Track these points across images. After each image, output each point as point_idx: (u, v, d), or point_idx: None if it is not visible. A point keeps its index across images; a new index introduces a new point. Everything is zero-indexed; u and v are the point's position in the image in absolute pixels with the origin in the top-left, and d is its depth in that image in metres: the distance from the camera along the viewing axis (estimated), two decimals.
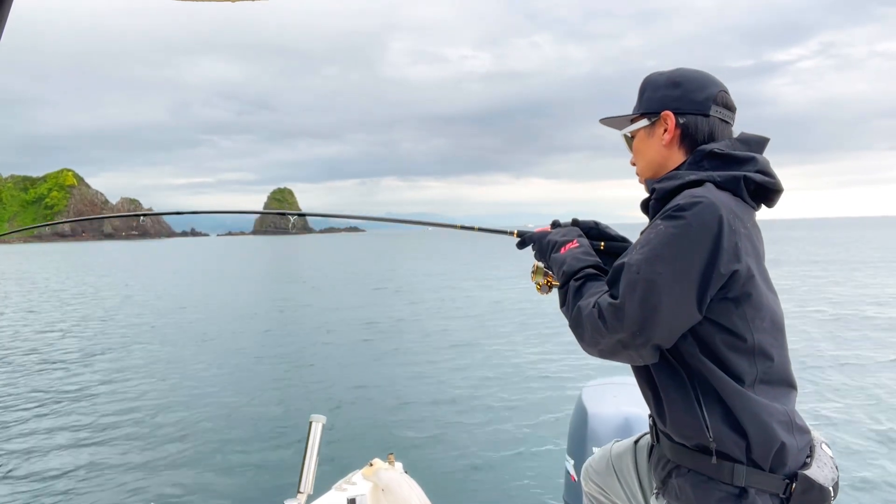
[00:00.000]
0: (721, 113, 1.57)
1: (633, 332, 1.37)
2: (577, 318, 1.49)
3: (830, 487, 1.43)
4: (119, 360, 12.07)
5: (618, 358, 1.47)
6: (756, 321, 1.43)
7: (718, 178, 1.46)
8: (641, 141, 1.66)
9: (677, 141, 1.58)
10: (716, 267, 1.35)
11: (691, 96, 1.57)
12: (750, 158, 1.51)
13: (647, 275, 1.37)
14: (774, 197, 1.54)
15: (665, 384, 1.48)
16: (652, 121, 1.62)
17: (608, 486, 1.91)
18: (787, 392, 1.49)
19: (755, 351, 1.43)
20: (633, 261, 1.41)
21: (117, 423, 7.77)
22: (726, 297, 1.39)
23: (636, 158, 1.69)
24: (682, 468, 1.49)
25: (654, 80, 1.65)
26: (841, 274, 26.21)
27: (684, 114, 1.57)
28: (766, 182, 1.49)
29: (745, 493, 1.39)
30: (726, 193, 1.44)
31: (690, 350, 1.43)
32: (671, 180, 1.52)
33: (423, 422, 7.49)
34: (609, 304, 1.41)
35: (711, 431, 1.41)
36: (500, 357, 11.56)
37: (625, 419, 2.64)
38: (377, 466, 2.62)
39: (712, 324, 1.40)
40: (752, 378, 1.42)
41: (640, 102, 1.67)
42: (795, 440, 1.43)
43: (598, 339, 1.44)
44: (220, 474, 5.93)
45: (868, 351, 10.83)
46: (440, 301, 21.38)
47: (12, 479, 5.89)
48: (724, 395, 1.41)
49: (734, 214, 1.40)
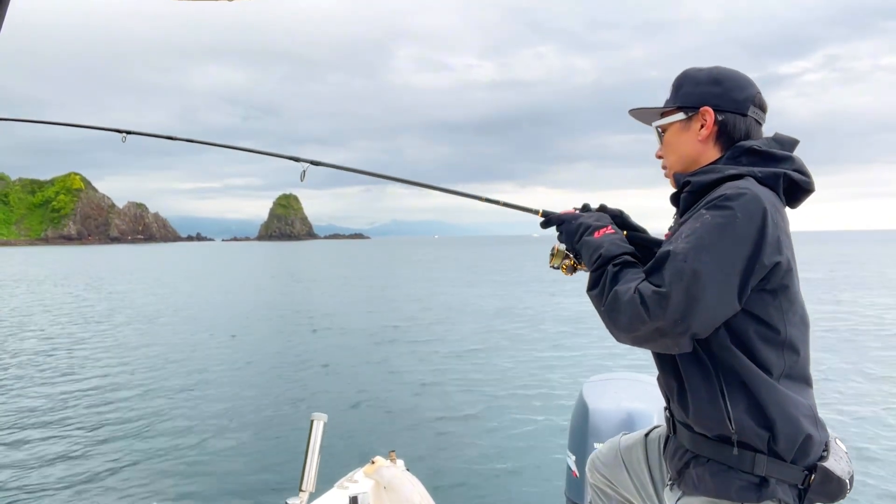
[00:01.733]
0: (757, 114, 1.60)
1: (675, 321, 1.36)
2: (614, 303, 1.45)
3: (847, 480, 1.46)
4: (120, 358, 12.06)
5: (653, 345, 1.44)
6: (789, 314, 1.46)
7: (759, 174, 1.48)
8: (675, 134, 1.66)
9: (713, 137, 1.59)
10: (759, 258, 1.37)
11: (732, 95, 1.59)
12: (788, 157, 1.53)
13: (694, 264, 1.36)
14: (803, 197, 1.55)
15: (689, 374, 1.49)
16: (689, 115, 1.62)
17: (616, 479, 1.92)
18: (806, 389, 1.51)
19: (786, 344, 1.45)
20: (680, 249, 1.40)
21: (119, 421, 7.77)
22: (764, 289, 1.42)
23: (666, 151, 1.69)
24: (702, 458, 1.50)
25: (694, 75, 1.65)
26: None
27: (724, 111, 1.58)
28: (802, 181, 1.51)
29: (766, 483, 1.42)
30: (766, 189, 1.46)
31: (721, 340, 1.43)
32: (709, 174, 1.53)
33: (425, 419, 7.50)
34: (654, 291, 1.38)
35: (734, 422, 1.42)
36: (501, 354, 11.59)
37: (626, 414, 2.64)
38: (379, 464, 2.63)
39: (748, 315, 1.42)
40: (780, 371, 1.45)
41: (675, 96, 1.67)
42: (819, 434, 1.46)
43: (638, 326, 1.40)
44: (222, 472, 5.93)
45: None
46: (441, 302, 21.42)
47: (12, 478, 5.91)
48: (751, 385, 1.42)
49: (775, 208, 1.43)
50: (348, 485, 2.56)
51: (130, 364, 11.61)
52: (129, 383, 9.99)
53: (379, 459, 2.66)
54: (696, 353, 1.47)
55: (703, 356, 1.47)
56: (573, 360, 10.66)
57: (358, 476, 2.62)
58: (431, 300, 21.87)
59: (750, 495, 1.43)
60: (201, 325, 16.80)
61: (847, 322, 14.54)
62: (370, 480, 2.58)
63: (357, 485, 2.55)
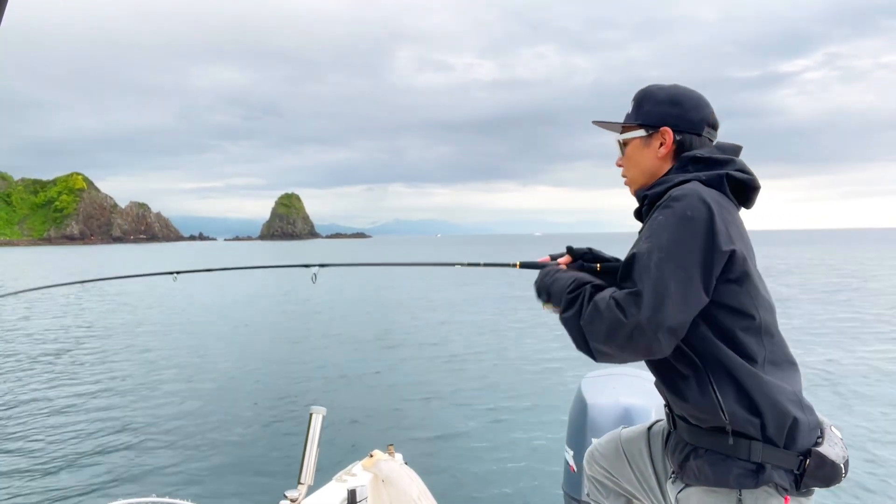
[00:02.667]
0: (710, 133, 1.74)
1: (649, 315, 1.43)
2: (594, 313, 1.52)
3: (842, 464, 1.51)
4: (119, 352, 12.13)
5: (632, 350, 1.48)
6: (758, 299, 1.54)
7: (704, 177, 1.61)
8: (636, 149, 1.78)
9: (671, 155, 1.73)
10: (715, 246, 1.46)
11: (689, 116, 1.72)
12: (729, 160, 1.66)
13: (657, 260, 1.47)
14: (752, 195, 1.67)
15: (679, 369, 1.56)
16: (649, 133, 1.75)
17: (616, 471, 1.96)
18: (791, 370, 1.58)
19: (762, 329, 1.53)
20: (643, 249, 1.51)
21: (118, 414, 7.80)
22: (729, 279, 1.50)
23: (627, 164, 1.82)
24: (700, 449, 1.56)
25: (654, 94, 1.77)
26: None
27: (681, 132, 1.71)
28: (745, 178, 1.63)
29: (762, 469, 1.47)
30: (711, 189, 1.58)
31: (704, 334, 1.51)
32: (662, 185, 1.66)
33: (423, 413, 7.53)
34: (626, 293, 1.48)
35: (726, 413, 1.49)
36: (500, 349, 11.62)
37: (624, 409, 2.64)
38: (377, 458, 2.64)
39: (721, 306, 1.50)
40: (762, 357, 1.52)
41: (636, 113, 1.79)
42: (806, 417, 1.51)
43: (616, 331, 1.46)
44: (221, 465, 5.95)
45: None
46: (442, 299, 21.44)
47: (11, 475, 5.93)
48: (737, 376, 1.49)
49: (719, 205, 1.53)
50: (347, 478, 2.57)
51: (129, 358, 11.66)
52: (128, 376, 10.03)
53: (377, 453, 2.67)
54: (684, 352, 1.54)
55: (690, 354, 1.54)
56: (572, 356, 10.68)
57: (356, 469, 2.63)
58: (432, 298, 21.91)
59: (748, 482, 1.48)
60: (202, 321, 16.86)
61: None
62: (368, 474, 2.59)
63: (355, 478, 2.56)
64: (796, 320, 14.39)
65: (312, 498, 2.37)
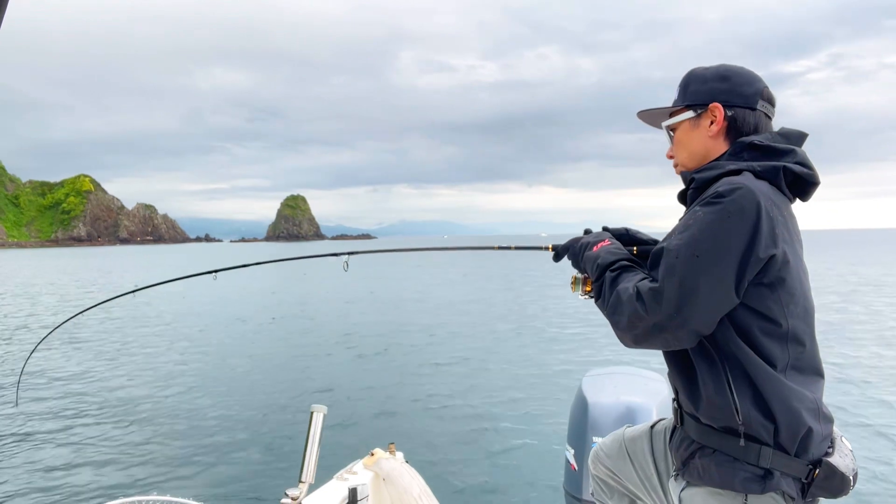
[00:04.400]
0: (765, 108, 1.62)
1: (671, 314, 1.39)
2: (616, 303, 1.50)
3: (851, 477, 1.47)
4: (121, 352, 12.13)
5: (653, 342, 1.47)
6: (790, 307, 1.46)
7: (758, 168, 1.49)
8: (685, 133, 1.67)
9: (723, 133, 1.61)
10: (754, 251, 1.38)
11: (740, 90, 1.60)
12: (790, 150, 1.54)
13: (686, 258, 1.40)
14: (811, 189, 1.56)
15: (698, 366, 1.51)
16: (698, 112, 1.64)
17: (620, 470, 1.94)
18: (815, 380, 1.52)
19: (789, 337, 1.46)
20: (672, 245, 1.44)
21: (120, 412, 7.81)
22: (762, 283, 1.42)
23: (677, 150, 1.71)
24: (707, 449, 1.51)
25: (701, 73, 1.67)
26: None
27: (732, 106, 1.60)
28: (805, 174, 1.51)
29: (770, 475, 1.43)
30: (764, 183, 1.48)
31: (726, 333, 1.45)
32: (711, 170, 1.55)
33: (424, 412, 7.52)
34: (649, 287, 1.43)
35: (741, 414, 1.44)
36: (501, 347, 11.60)
37: (625, 408, 2.64)
38: (378, 456, 2.64)
39: (748, 309, 1.44)
40: (785, 363, 1.46)
41: (683, 95, 1.68)
42: (821, 427, 1.47)
43: (636, 323, 1.45)
44: (222, 464, 5.95)
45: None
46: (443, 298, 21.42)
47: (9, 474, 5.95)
48: (756, 378, 1.43)
49: (771, 202, 1.43)
50: (348, 476, 2.57)
51: (131, 356, 11.65)
52: (129, 374, 10.03)
53: (378, 451, 2.67)
54: (704, 347, 1.49)
55: (710, 349, 1.49)
56: (573, 354, 10.68)
57: (357, 468, 2.63)
58: (433, 296, 21.90)
59: (754, 487, 1.43)
60: (202, 319, 16.90)
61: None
62: (369, 472, 2.60)
63: (356, 476, 2.57)
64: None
65: (313, 496, 2.38)
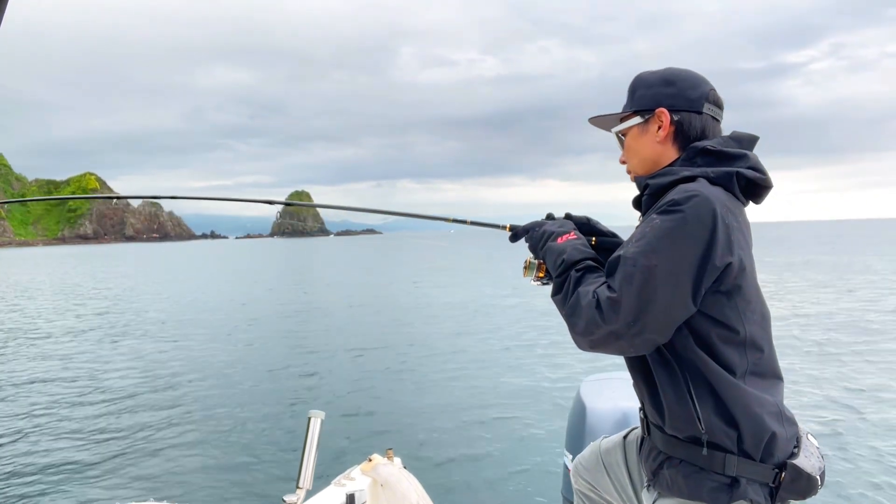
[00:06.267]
0: (712, 110, 1.61)
1: (628, 323, 1.39)
2: (575, 306, 1.48)
3: (818, 476, 1.47)
4: (120, 353, 12.16)
5: (609, 349, 1.46)
6: (747, 313, 1.47)
7: (712, 174, 1.49)
8: (634, 138, 1.68)
9: (671, 138, 1.62)
10: (710, 259, 1.38)
11: (685, 94, 1.61)
12: (742, 155, 1.54)
13: (643, 267, 1.39)
14: (763, 193, 1.56)
15: (658, 376, 1.51)
16: (645, 118, 1.64)
17: (598, 483, 1.92)
18: (775, 383, 1.53)
19: (747, 343, 1.46)
20: (630, 254, 1.43)
21: (115, 417, 7.83)
22: (719, 290, 1.43)
23: (628, 156, 1.72)
24: (674, 459, 1.52)
25: (647, 78, 1.68)
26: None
27: (678, 111, 1.60)
28: (758, 178, 1.52)
29: (737, 483, 1.43)
30: (719, 188, 1.47)
31: (684, 342, 1.45)
32: (665, 176, 1.55)
33: (422, 417, 7.50)
34: (607, 297, 1.42)
35: (703, 423, 1.44)
36: (499, 352, 11.57)
37: (623, 414, 2.64)
38: (376, 462, 2.64)
39: (706, 317, 1.44)
40: (744, 370, 1.46)
41: (631, 101, 1.70)
42: (785, 430, 1.47)
43: (593, 330, 1.44)
44: (219, 469, 5.96)
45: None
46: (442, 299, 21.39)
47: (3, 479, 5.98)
48: (716, 386, 1.44)
49: (727, 208, 1.43)
50: (345, 482, 2.57)
51: (127, 361, 11.66)
52: (124, 379, 10.03)
53: (376, 457, 2.67)
54: (664, 356, 1.49)
55: (669, 358, 1.49)
56: (571, 359, 10.63)
57: (355, 474, 2.63)
58: (433, 297, 21.87)
59: (721, 496, 1.43)
60: (201, 322, 16.90)
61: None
62: (367, 478, 2.59)
63: (354, 482, 2.56)
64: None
65: (311, 502, 2.38)
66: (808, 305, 16.48)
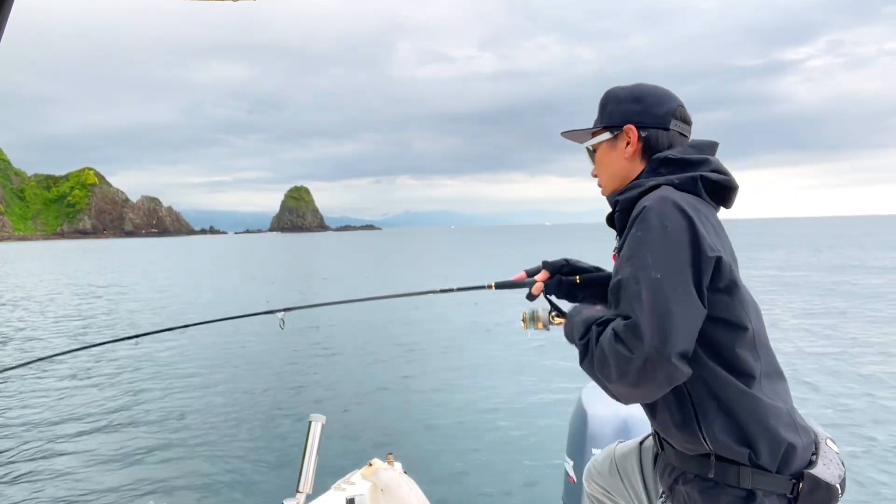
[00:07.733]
0: (679, 126, 1.65)
1: (656, 346, 1.31)
2: (601, 355, 1.40)
3: (837, 485, 1.42)
4: (119, 354, 12.09)
5: (653, 384, 1.35)
6: (748, 308, 1.46)
7: (676, 181, 1.52)
8: (604, 154, 1.71)
9: (639, 154, 1.64)
10: (702, 251, 1.38)
11: (653, 110, 1.64)
12: (704, 160, 1.57)
13: (646, 282, 1.36)
14: (731, 195, 1.58)
15: (663, 397, 1.46)
16: (614, 134, 1.67)
17: (612, 487, 1.92)
18: (782, 384, 1.51)
19: (756, 340, 1.45)
20: (627, 274, 1.40)
21: (115, 420, 7.81)
22: (719, 289, 1.42)
23: (599, 171, 1.74)
24: (688, 474, 1.49)
25: (616, 94, 1.70)
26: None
27: (646, 127, 1.63)
28: (722, 180, 1.54)
29: (753, 496, 1.39)
30: (685, 193, 1.49)
31: (694, 357, 1.39)
32: (633, 189, 1.57)
33: (423, 422, 7.47)
34: (623, 325, 1.36)
35: (709, 442, 1.42)
36: (499, 357, 11.51)
37: (624, 421, 2.63)
38: (376, 466, 2.64)
39: (714, 319, 1.41)
40: (759, 372, 1.43)
41: (601, 116, 1.72)
42: (801, 439, 1.43)
43: (625, 369, 1.34)
44: (219, 473, 5.93)
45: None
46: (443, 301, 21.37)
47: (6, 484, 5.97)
48: (727, 400, 1.40)
49: (695, 209, 1.44)
50: (345, 486, 2.57)
51: (125, 362, 11.60)
52: (123, 382, 9.99)
53: (377, 462, 2.67)
54: None
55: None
56: (572, 365, 10.51)
57: (355, 478, 2.63)
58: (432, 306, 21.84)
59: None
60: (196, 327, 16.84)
61: None
62: (367, 483, 2.59)
63: (354, 487, 2.56)
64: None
65: None
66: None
